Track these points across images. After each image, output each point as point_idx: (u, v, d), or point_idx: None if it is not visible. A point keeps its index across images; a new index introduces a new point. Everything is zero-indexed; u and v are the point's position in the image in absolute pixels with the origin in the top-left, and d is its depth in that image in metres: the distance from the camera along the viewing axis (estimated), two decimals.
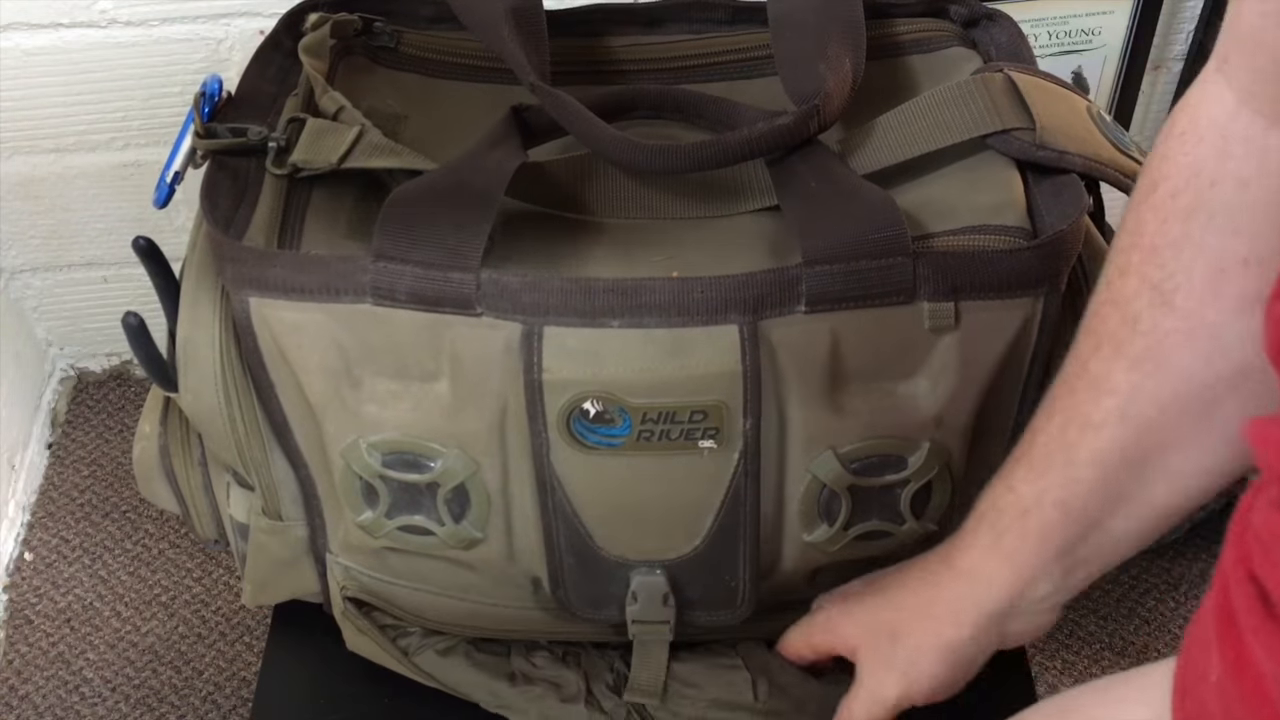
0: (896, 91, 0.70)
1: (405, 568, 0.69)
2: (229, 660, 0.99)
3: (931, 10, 0.74)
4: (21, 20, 0.96)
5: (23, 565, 1.07)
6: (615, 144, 0.62)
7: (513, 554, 0.66)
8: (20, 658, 1.00)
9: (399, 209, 0.60)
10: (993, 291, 0.59)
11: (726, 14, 0.75)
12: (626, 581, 0.66)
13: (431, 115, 0.70)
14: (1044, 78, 0.67)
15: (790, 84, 0.66)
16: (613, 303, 0.58)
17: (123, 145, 1.04)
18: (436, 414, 0.61)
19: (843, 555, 0.66)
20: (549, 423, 0.60)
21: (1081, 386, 0.55)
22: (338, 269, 0.59)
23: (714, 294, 0.58)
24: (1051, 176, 0.63)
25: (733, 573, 0.66)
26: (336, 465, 0.64)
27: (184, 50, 0.98)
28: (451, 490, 0.63)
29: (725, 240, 0.62)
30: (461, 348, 0.59)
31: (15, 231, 1.11)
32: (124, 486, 1.12)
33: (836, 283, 0.58)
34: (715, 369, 0.58)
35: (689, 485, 0.62)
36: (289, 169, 0.63)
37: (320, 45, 0.70)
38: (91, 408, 1.20)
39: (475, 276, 0.58)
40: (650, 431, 0.60)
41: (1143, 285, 0.52)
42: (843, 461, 0.62)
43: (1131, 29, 1.04)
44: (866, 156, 0.64)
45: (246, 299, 0.61)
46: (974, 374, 0.61)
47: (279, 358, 0.62)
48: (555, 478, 0.62)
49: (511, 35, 0.66)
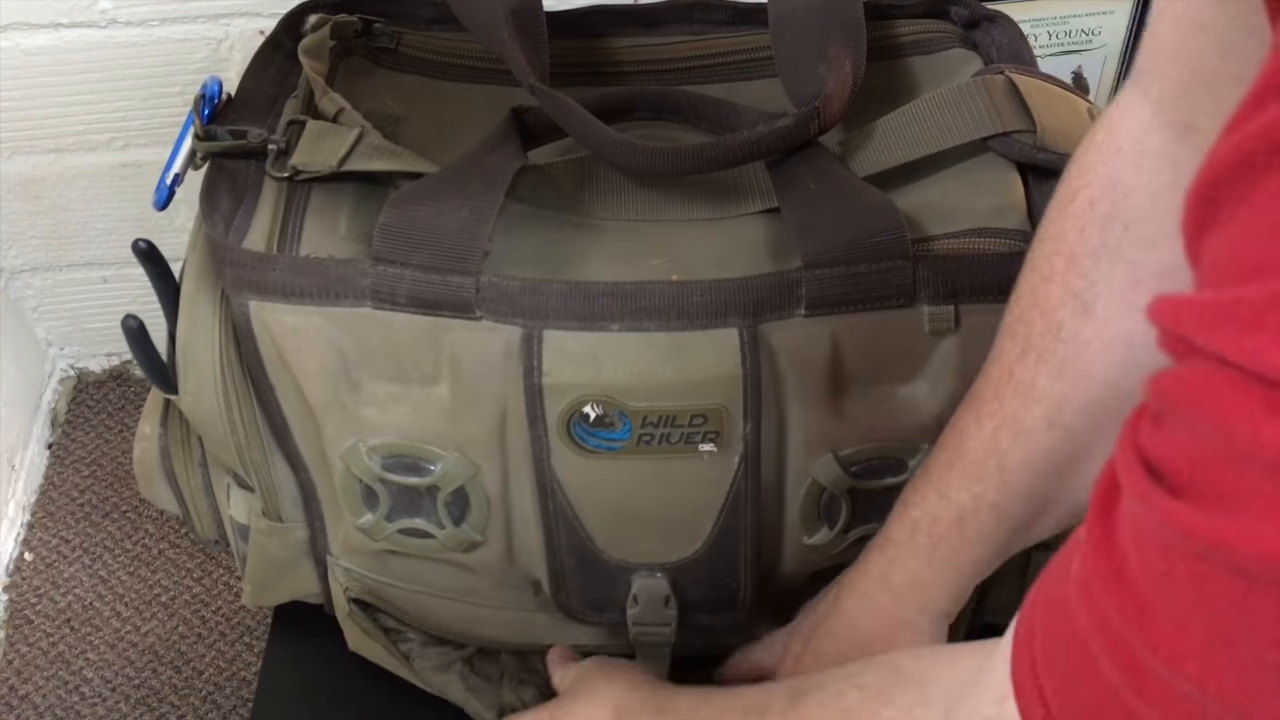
0: (897, 93, 0.69)
1: (405, 570, 0.69)
2: (229, 660, 0.99)
3: (932, 11, 0.74)
4: (21, 20, 0.96)
5: (23, 565, 1.07)
6: (615, 146, 0.62)
7: (513, 557, 0.66)
8: (20, 658, 1.00)
9: (399, 211, 0.60)
10: (993, 295, 0.59)
11: (726, 15, 0.74)
12: (627, 584, 0.66)
13: (431, 117, 0.70)
14: (1045, 79, 0.67)
15: (790, 86, 0.66)
16: (612, 306, 0.58)
17: (123, 145, 1.04)
18: (436, 417, 0.61)
19: (843, 558, 0.66)
20: (549, 426, 0.60)
21: (1009, 392, 0.55)
22: (337, 272, 0.59)
23: (714, 297, 0.58)
24: (1052, 179, 0.63)
25: (733, 575, 0.66)
26: (336, 468, 0.64)
27: (184, 50, 0.98)
28: (451, 493, 0.63)
29: (725, 243, 0.62)
30: (461, 351, 0.59)
31: (15, 231, 1.10)
32: (124, 486, 1.11)
33: (836, 286, 0.58)
34: (715, 372, 0.58)
35: (689, 488, 0.62)
36: (289, 171, 0.63)
37: (320, 47, 0.70)
38: (91, 408, 1.20)
39: (475, 280, 0.58)
40: (650, 435, 0.59)
41: (1066, 293, 0.53)
42: (843, 464, 0.62)
43: (1131, 29, 1.04)
44: (867, 159, 0.64)
45: (246, 302, 0.61)
46: (974, 377, 0.61)
47: (279, 361, 0.62)
48: (555, 481, 0.62)
49: (511, 37, 0.66)
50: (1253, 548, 0.27)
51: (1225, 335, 0.27)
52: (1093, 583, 0.33)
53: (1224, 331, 0.27)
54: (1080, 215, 0.52)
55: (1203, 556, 0.28)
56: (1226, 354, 0.27)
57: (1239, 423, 0.27)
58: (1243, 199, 0.28)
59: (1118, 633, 0.32)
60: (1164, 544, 0.30)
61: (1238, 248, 0.28)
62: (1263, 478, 0.26)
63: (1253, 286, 0.27)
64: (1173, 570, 0.29)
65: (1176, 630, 0.29)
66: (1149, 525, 0.30)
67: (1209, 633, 0.29)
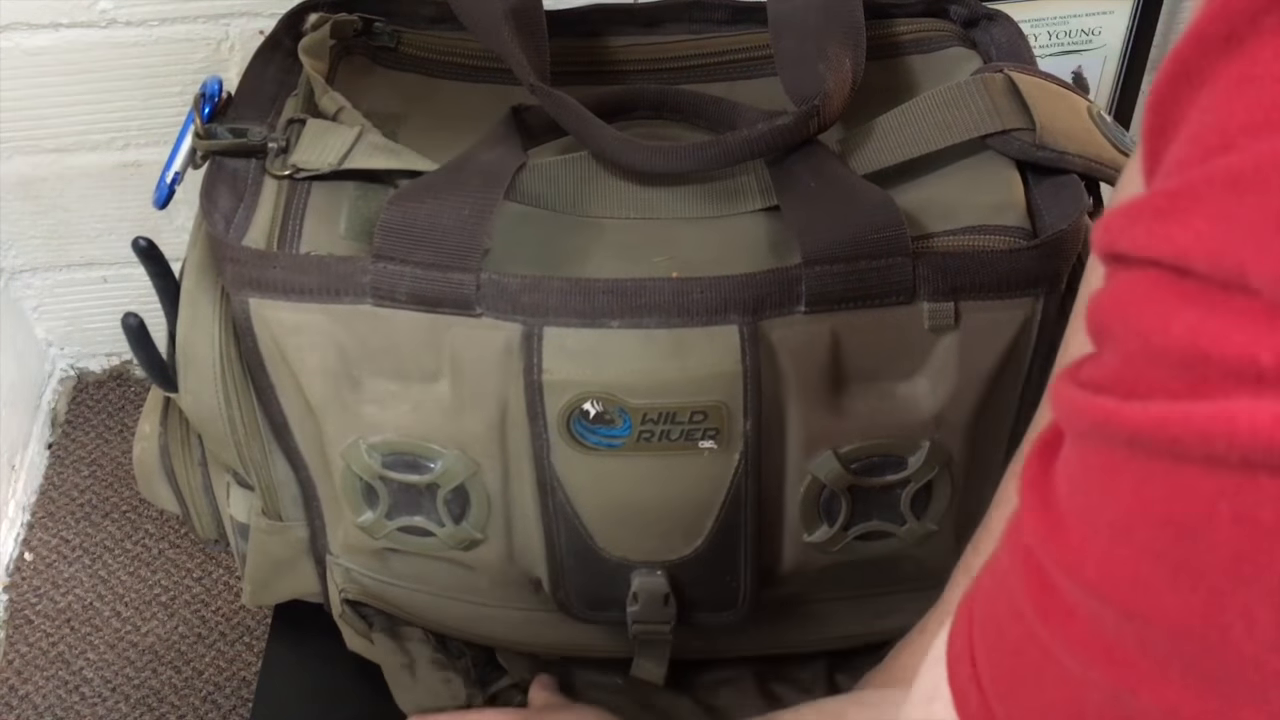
0: (896, 92, 0.69)
1: (405, 569, 0.69)
2: (229, 660, 0.99)
3: (931, 10, 0.74)
4: (21, 20, 0.96)
5: (23, 565, 1.07)
6: (615, 144, 0.62)
7: (513, 555, 0.66)
8: (20, 658, 1.00)
9: (399, 209, 0.60)
10: (993, 292, 0.59)
11: (726, 14, 0.75)
12: (627, 582, 0.66)
13: (431, 115, 0.70)
14: (1044, 78, 0.67)
15: (790, 84, 0.66)
16: (612, 303, 0.58)
17: (123, 145, 1.04)
18: (436, 415, 0.61)
19: (843, 556, 0.66)
20: (549, 423, 0.60)
21: None
22: (338, 270, 0.59)
23: (714, 294, 0.58)
24: (1051, 177, 0.63)
25: (733, 573, 0.66)
26: (336, 466, 0.64)
27: (184, 50, 0.98)
28: (451, 491, 0.63)
29: (725, 240, 0.62)
30: (461, 348, 0.59)
31: (15, 231, 1.10)
32: (124, 486, 1.12)
33: (836, 283, 0.58)
34: (715, 369, 0.58)
35: (689, 486, 0.62)
36: (289, 170, 0.63)
37: (320, 45, 0.70)
38: (91, 408, 1.20)
39: (475, 277, 0.58)
40: (650, 432, 0.60)
41: None
42: (843, 462, 0.62)
43: (1131, 29, 1.04)
44: (866, 157, 0.64)
45: (246, 300, 0.61)
46: (974, 374, 0.61)
47: (279, 359, 0.62)
48: (555, 478, 0.62)
49: (511, 35, 0.66)
50: (1149, 420, 0.26)
51: (1141, 228, 0.27)
52: (1022, 525, 0.33)
53: (1140, 225, 0.27)
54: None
55: (1106, 441, 0.28)
56: (1141, 249, 0.27)
57: (1151, 319, 0.26)
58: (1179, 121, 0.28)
59: (1031, 555, 0.31)
60: (1088, 449, 0.29)
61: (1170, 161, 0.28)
62: (1171, 370, 0.26)
63: (1172, 180, 0.27)
64: (1091, 474, 0.29)
65: (1082, 537, 0.29)
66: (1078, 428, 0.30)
67: (1110, 529, 0.28)
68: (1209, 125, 0.27)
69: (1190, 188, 0.26)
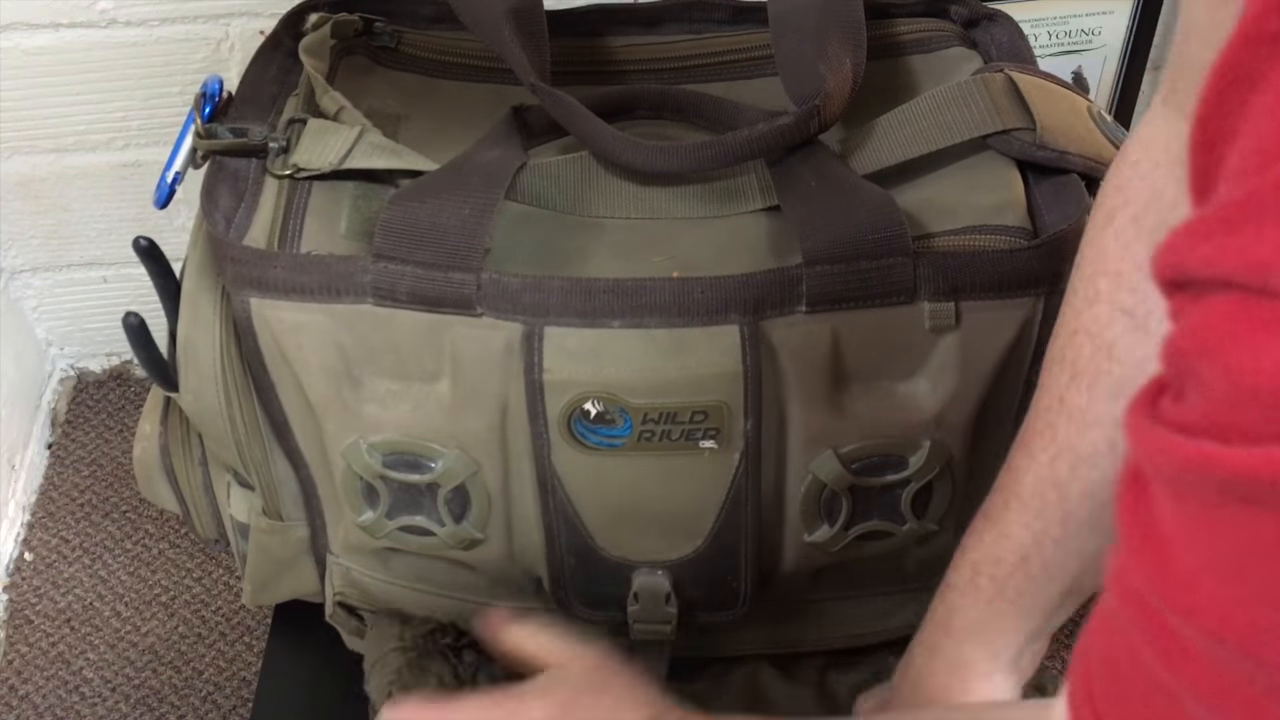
0: (897, 91, 0.69)
1: (406, 568, 0.69)
2: (229, 660, 0.99)
3: (932, 10, 0.74)
4: (21, 20, 0.96)
5: (23, 565, 1.07)
6: (615, 144, 0.62)
7: (513, 554, 0.66)
8: (20, 658, 1.00)
9: (399, 209, 0.60)
10: (993, 291, 0.59)
11: (726, 14, 0.75)
12: (628, 582, 0.66)
13: (432, 115, 0.70)
14: (1044, 78, 0.67)
15: (790, 84, 0.66)
16: (613, 303, 0.58)
17: (123, 145, 1.04)
18: (437, 414, 0.61)
19: (844, 555, 0.66)
20: (550, 423, 0.60)
21: (1061, 421, 0.53)
22: (338, 269, 0.59)
23: (714, 294, 0.58)
24: (1052, 177, 0.63)
25: (734, 573, 0.66)
26: (337, 465, 0.64)
27: (184, 50, 0.98)
28: (452, 490, 0.63)
29: (726, 240, 0.62)
30: (462, 348, 0.59)
31: (15, 231, 1.10)
32: (124, 486, 1.11)
33: (837, 283, 0.58)
34: (716, 369, 0.58)
35: (690, 485, 0.62)
36: (289, 169, 0.63)
37: (321, 45, 0.70)
38: (91, 408, 1.20)
39: (476, 277, 0.58)
40: (651, 432, 0.60)
41: (1115, 311, 0.51)
42: (843, 461, 0.62)
43: (1131, 29, 1.04)
44: (867, 156, 0.64)
45: (247, 299, 0.61)
46: (974, 374, 0.61)
47: (279, 358, 0.62)
48: (556, 478, 0.62)
49: (512, 35, 0.66)
50: (1248, 466, 0.25)
51: (1210, 245, 0.26)
52: (1127, 565, 0.31)
53: (1209, 242, 0.26)
54: (1124, 231, 0.51)
55: (1200, 482, 0.27)
56: (1212, 267, 0.25)
57: (1238, 356, 0.25)
58: (1234, 131, 0.27)
59: (1143, 598, 0.30)
60: (1179, 490, 0.28)
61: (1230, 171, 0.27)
62: (1265, 411, 0.25)
63: (1237, 190, 0.25)
64: (1189, 516, 0.28)
65: (1190, 578, 0.28)
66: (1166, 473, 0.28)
67: (1219, 571, 0.27)
68: (1273, 128, 0.26)
69: (1259, 196, 0.25)
